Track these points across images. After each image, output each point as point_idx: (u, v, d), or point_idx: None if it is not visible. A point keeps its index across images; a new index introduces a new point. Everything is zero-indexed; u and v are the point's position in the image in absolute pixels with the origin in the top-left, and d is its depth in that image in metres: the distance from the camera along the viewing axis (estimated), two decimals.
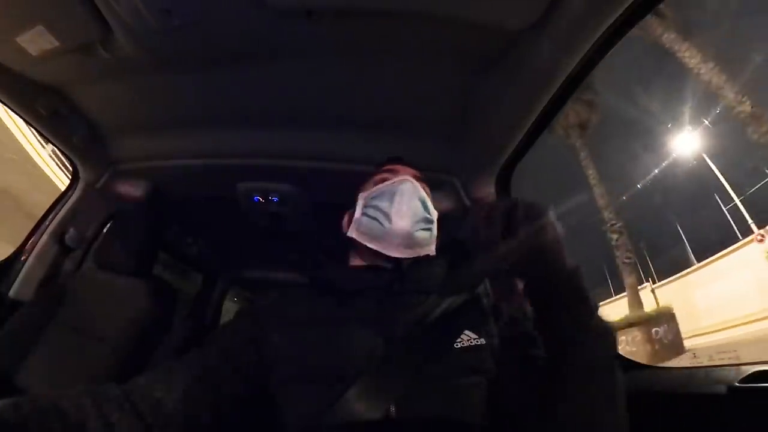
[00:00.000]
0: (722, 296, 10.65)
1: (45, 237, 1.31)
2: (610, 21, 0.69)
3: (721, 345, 8.01)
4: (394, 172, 0.83)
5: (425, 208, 0.78)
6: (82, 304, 1.25)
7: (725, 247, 11.16)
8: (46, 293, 1.24)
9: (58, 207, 1.36)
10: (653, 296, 13.53)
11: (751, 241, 10.52)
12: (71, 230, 1.36)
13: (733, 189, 12.49)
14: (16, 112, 1.11)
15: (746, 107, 8.98)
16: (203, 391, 0.62)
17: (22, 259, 1.28)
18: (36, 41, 0.91)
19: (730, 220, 12.16)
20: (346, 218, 0.85)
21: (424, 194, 0.79)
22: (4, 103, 1.08)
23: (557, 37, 0.77)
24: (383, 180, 0.81)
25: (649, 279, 14.73)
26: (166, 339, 1.49)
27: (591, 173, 12.70)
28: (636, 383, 0.79)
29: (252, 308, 0.77)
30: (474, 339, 0.67)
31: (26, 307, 1.19)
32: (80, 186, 1.38)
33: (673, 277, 13.40)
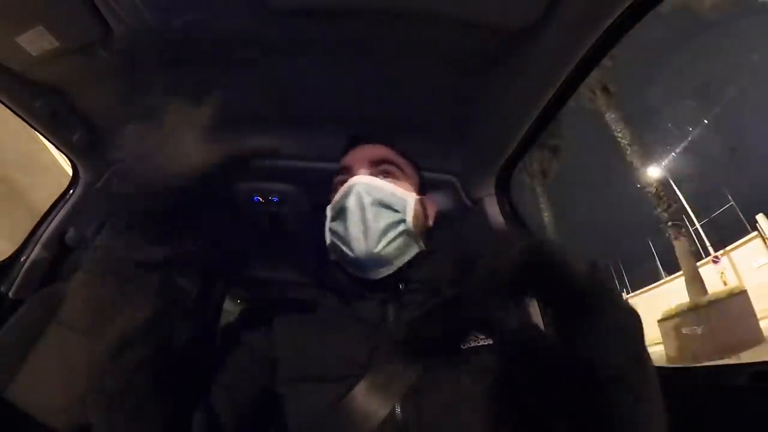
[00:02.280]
0: None
1: (45, 237, 1.31)
2: (611, 20, 0.70)
3: None
4: (347, 170, 0.75)
5: (388, 207, 0.69)
6: (83, 305, 1.25)
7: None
8: (47, 293, 1.24)
9: (58, 207, 1.36)
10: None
11: (708, 261, 11.66)
12: (71, 230, 1.36)
13: (701, 212, 13.90)
14: (15, 113, 1.11)
15: (653, 188, 10.88)
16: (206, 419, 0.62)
17: (23, 259, 1.28)
18: (36, 41, 0.91)
19: (695, 239, 12.97)
20: None
21: (382, 191, 0.70)
22: (4, 104, 1.08)
23: (557, 37, 0.77)
24: (339, 184, 0.74)
25: (624, 290, 15.90)
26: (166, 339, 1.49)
27: (546, 215, 13.97)
28: None
29: (255, 312, 0.75)
30: (481, 339, 0.66)
31: (26, 306, 1.19)
32: (80, 186, 1.38)
33: (644, 288, 14.48)
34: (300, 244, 1.99)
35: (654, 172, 11.64)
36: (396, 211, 0.69)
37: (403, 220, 0.69)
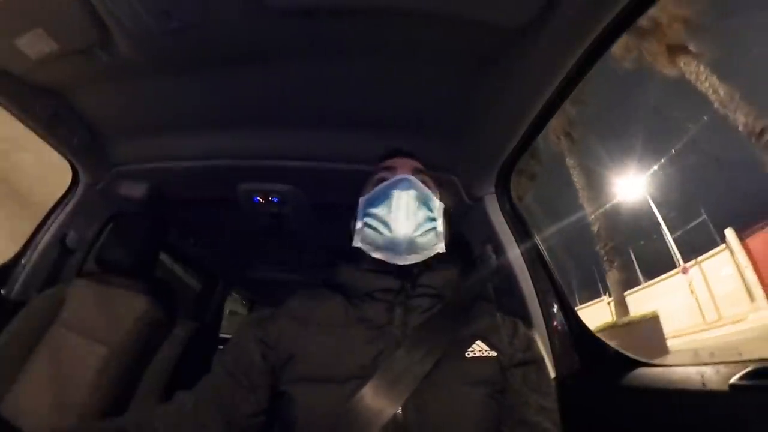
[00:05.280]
0: (661, 312, 12.82)
1: (46, 239, 1.32)
2: (609, 18, 0.69)
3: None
4: (392, 170, 0.81)
5: (427, 206, 0.75)
6: (84, 306, 1.25)
7: (666, 272, 13.61)
8: (48, 295, 1.24)
9: (59, 209, 1.37)
10: (609, 308, 15.35)
11: (678, 272, 12.93)
12: (72, 232, 1.36)
13: (677, 224, 15.02)
14: (16, 115, 1.12)
15: (596, 227, 12.69)
16: (219, 416, 0.64)
17: (24, 261, 1.28)
18: (35, 44, 0.91)
19: (671, 249, 14.10)
20: (352, 224, 0.83)
21: (424, 190, 0.76)
22: (4, 107, 1.09)
23: (556, 35, 0.77)
24: (381, 180, 0.79)
25: (606, 293, 16.94)
26: (168, 340, 1.49)
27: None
28: (636, 380, 0.80)
29: (261, 313, 0.76)
30: (485, 350, 0.67)
31: (28, 309, 1.20)
32: (81, 188, 1.39)
33: (625, 293, 15.64)
34: (301, 244, 2.00)
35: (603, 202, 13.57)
36: (431, 211, 0.76)
37: (435, 220, 0.76)
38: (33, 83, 1.07)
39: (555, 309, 1.06)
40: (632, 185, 15.05)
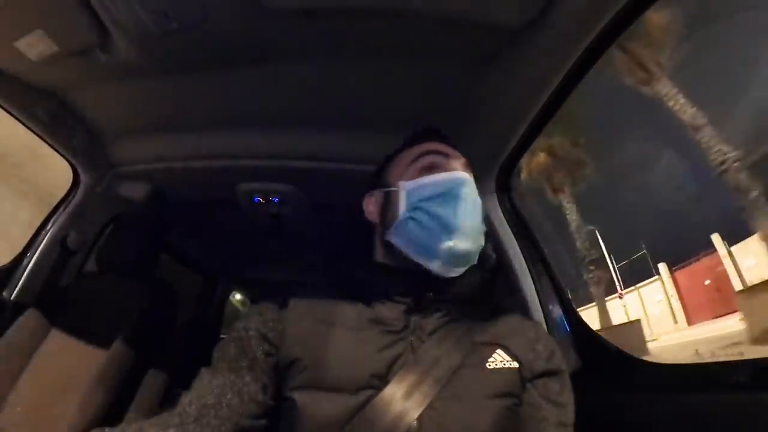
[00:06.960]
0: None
1: (47, 241, 1.31)
2: (609, 18, 0.69)
3: None
4: (446, 156, 0.71)
5: (481, 217, 0.68)
6: (85, 308, 1.25)
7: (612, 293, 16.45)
8: (49, 297, 1.24)
9: (59, 210, 1.37)
10: None
11: (616, 297, 15.90)
12: (73, 233, 1.36)
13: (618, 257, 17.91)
14: (15, 117, 1.11)
15: None
16: (226, 420, 0.59)
17: (24, 263, 1.28)
18: (35, 46, 0.90)
19: (616, 275, 16.86)
20: (369, 203, 0.76)
21: (480, 201, 0.69)
22: (4, 108, 1.09)
23: (556, 35, 0.77)
24: (431, 166, 0.69)
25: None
26: (168, 341, 1.49)
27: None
28: (637, 379, 0.80)
29: (264, 307, 0.69)
30: (507, 361, 0.63)
31: (29, 311, 1.19)
32: (81, 189, 1.38)
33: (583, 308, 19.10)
34: (302, 244, 2.00)
35: None
36: (482, 223, 0.69)
37: (483, 232, 0.69)
38: (33, 84, 1.07)
39: (556, 308, 1.06)
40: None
